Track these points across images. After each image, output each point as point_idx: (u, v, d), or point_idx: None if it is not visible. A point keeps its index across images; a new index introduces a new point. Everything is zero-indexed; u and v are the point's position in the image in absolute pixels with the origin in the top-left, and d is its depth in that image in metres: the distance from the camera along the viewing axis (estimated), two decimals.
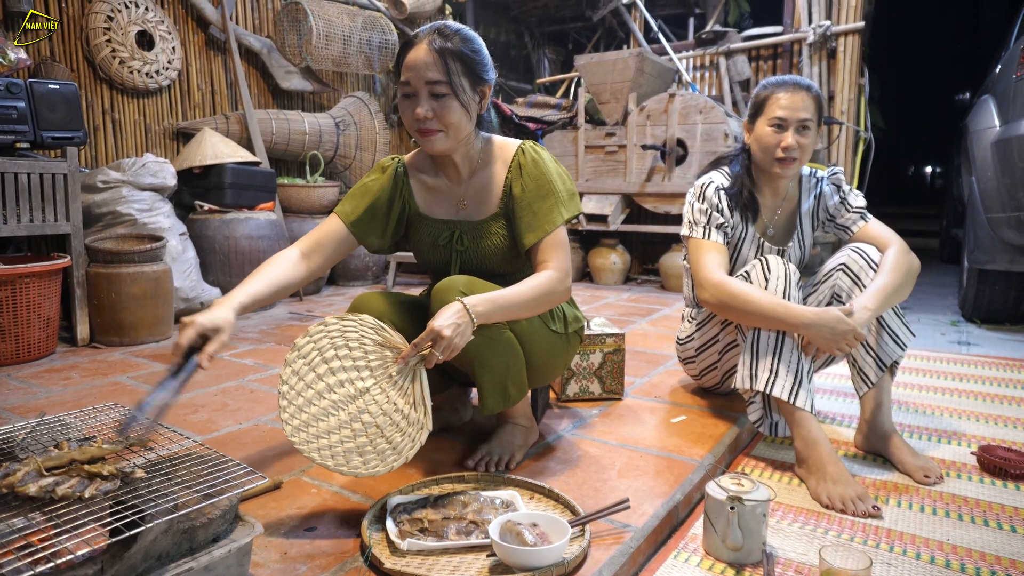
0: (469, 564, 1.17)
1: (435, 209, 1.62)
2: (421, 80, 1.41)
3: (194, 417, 1.92)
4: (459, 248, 1.59)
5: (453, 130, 1.45)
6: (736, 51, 5.18)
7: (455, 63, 1.41)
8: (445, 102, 1.42)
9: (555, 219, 1.50)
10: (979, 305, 3.62)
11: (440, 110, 1.42)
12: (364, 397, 1.32)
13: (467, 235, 1.58)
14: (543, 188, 1.51)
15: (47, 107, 2.68)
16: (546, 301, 1.47)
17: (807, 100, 1.73)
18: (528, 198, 1.51)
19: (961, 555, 1.30)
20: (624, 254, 4.68)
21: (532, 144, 1.58)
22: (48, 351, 2.65)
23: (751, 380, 1.64)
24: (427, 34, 1.43)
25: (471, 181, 1.59)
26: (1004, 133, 3.16)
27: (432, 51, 1.40)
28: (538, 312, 1.48)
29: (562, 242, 1.51)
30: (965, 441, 1.89)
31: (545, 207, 1.50)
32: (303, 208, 4.00)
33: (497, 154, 1.58)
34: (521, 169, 1.53)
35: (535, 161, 1.53)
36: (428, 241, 1.62)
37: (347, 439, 1.29)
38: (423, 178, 1.63)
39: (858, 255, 1.74)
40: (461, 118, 1.45)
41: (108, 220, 3.01)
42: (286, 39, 4.11)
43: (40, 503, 0.93)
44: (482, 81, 1.48)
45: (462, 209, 1.60)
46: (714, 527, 1.28)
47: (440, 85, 1.41)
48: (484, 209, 1.58)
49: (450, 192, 1.61)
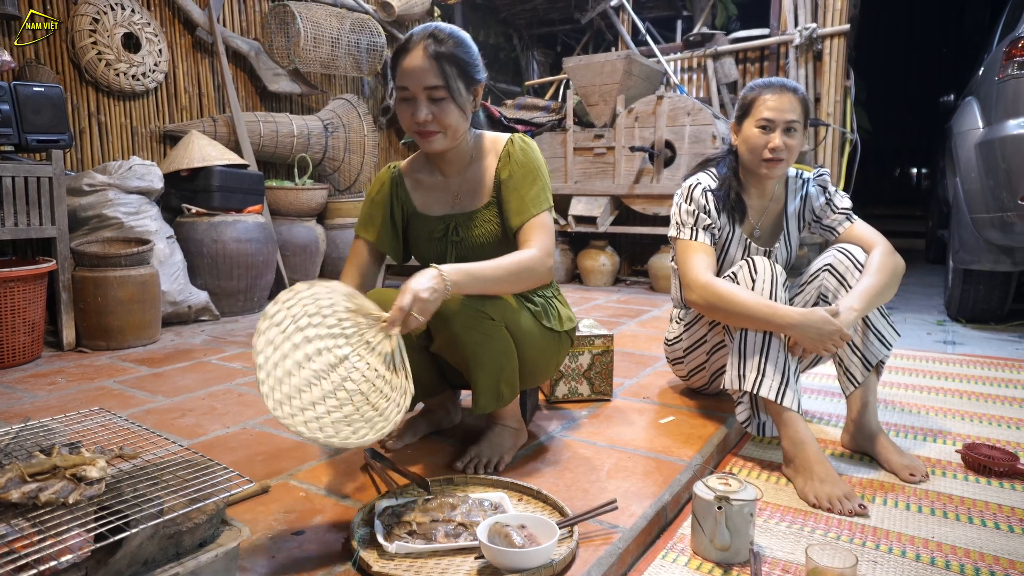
0: (457, 566, 1.17)
1: (432, 207, 1.66)
2: (419, 86, 1.45)
3: (181, 421, 1.91)
4: (454, 239, 1.62)
5: (451, 131, 1.51)
6: (723, 53, 5.21)
7: (451, 67, 1.45)
8: (443, 105, 1.47)
9: (541, 203, 1.55)
10: (964, 305, 3.65)
11: (439, 113, 1.47)
12: (344, 364, 1.28)
13: (461, 226, 1.62)
14: (531, 174, 1.56)
15: (32, 110, 2.66)
16: (526, 277, 1.48)
17: (794, 102, 1.74)
18: (515, 183, 1.56)
19: (946, 552, 1.32)
20: (613, 255, 4.69)
21: (522, 135, 1.63)
22: (33, 356, 2.62)
23: (739, 380, 1.65)
24: (421, 39, 1.46)
25: (465, 175, 1.63)
26: (987, 135, 3.20)
27: (428, 57, 1.44)
28: (517, 289, 1.50)
29: (546, 224, 1.54)
30: (950, 439, 1.90)
31: (532, 192, 1.55)
32: (292, 211, 3.98)
33: (488, 147, 1.63)
34: (510, 157, 1.58)
35: (523, 149, 1.59)
36: (424, 236, 1.66)
37: (334, 409, 1.22)
38: (420, 178, 1.67)
39: (844, 256, 1.75)
40: (458, 119, 1.50)
41: (94, 223, 2.99)
42: (274, 41, 4.09)
43: (24, 509, 0.92)
44: (475, 81, 1.53)
45: (457, 203, 1.64)
46: (702, 527, 1.28)
47: (438, 90, 1.45)
48: (477, 200, 1.62)
49: (445, 188, 1.65)
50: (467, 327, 1.42)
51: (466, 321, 1.41)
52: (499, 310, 1.47)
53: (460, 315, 1.41)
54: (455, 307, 1.40)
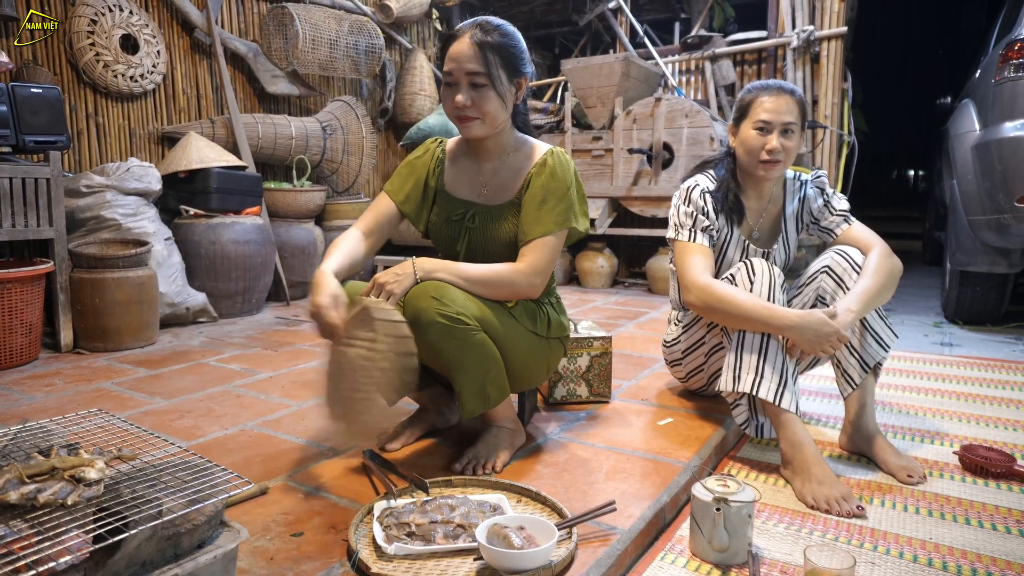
0: (456, 568, 1.17)
1: (459, 188, 1.69)
2: (462, 71, 1.51)
3: (179, 423, 1.91)
4: (470, 226, 1.65)
5: (489, 118, 1.55)
6: (721, 56, 5.22)
7: (494, 56, 1.51)
8: (483, 92, 1.52)
9: (555, 223, 1.57)
10: (961, 306, 3.66)
11: (478, 99, 1.52)
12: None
13: (480, 216, 1.64)
14: (558, 192, 1.58)
15: (30, 111, 2.66)
16: (503, 287, 1.53)
17: (791, 104, 1.75)
18: (542, 195, 1.58)
19: (943, 553, 1.32)
20: (611, 257, 4.70)
21: (563, 151, 1.66)
22: (31, 357, 2.62)
23: (736, 382, 1.65)
24: (469, 28, 1.53)
25: (498, 170, 1.66)
26: (984, 137, 3.21)
27: (473, 44, 1.50)
28: (492, 297, 1.54)
29: (549, 245, 1.56)
30: (947, 441, 1.91)
31: (554, 210, 1.57)
32: (290, 213, 3.98)
33: (527, 152, 1.66)
34: (545, 166, 1.60)
35: (562, 165, 1.61)
36: (444, 216, 1.69)
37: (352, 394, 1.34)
38: (458, 158, 1.72)
39: (841, 258, 1.76)
40: (497, 107, 1.54)
41: (92, 225, 2.99)
42: (272, 43, 4.09)
43: (22, 510, 0.92)
44: (519, 74, 1.57)
45: (483, 194, 1.67)
46: (700, 528, 1.28)
47: (479, 76, 1.51)
48: (503, 196, 1.64)
49: (476, 176, 1.68)
50: (444, 335, 1.43)
51: (442, 329, 1.42)
52: (476, 313, 1.47)
53: (436, 324, 1.41)
54: (430, 316, 1.41)
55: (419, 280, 1.46)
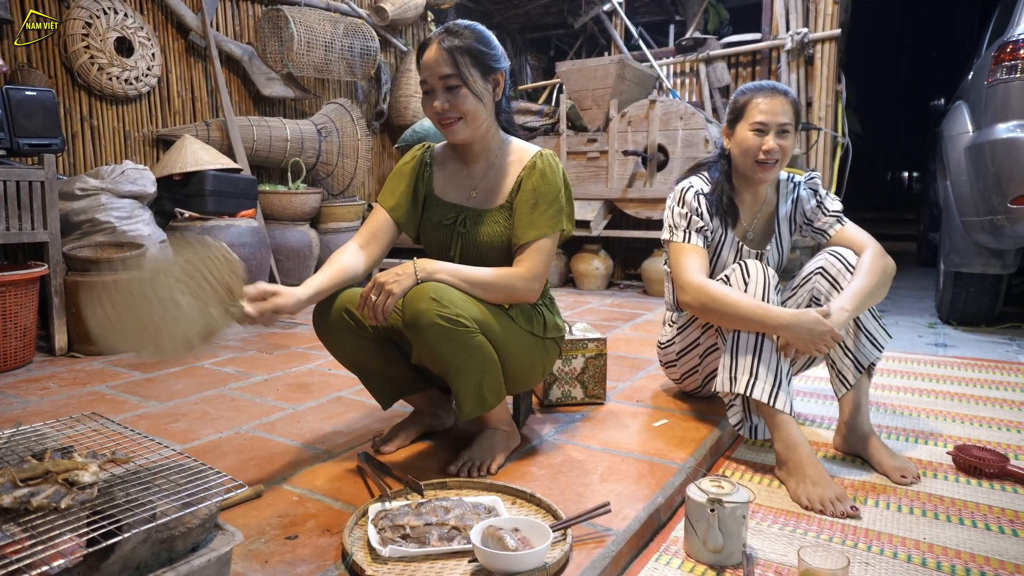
0: (451, 570, 1.17)
1: (448, 193, 1.70)
2: (435, 76, 1.53)
3: (174, 426, 1.90)
4: (461, 231, 1.65)
5: (470, 117, 1.55)
6: (716, 58, 5.24)
7: (463, 57, 1.52)
8: (458, 93, 1.53)
9: (549, 226, 1.57)
10: (955, 307, 3.68)
11: (455, 101, 1.53)
12: None
13: (471, 220, 1.64)
14: (549, 195, 1.58)
15: (24, 114, 2.65)
16: (503, 291, 1.54)
17: (785, 105, 1.75)
18: (534, 198, 1.58)
19: (937, 553, 1.32)
20: (607, 259, 4.70)
21: (552, 153, 1.66)
22: (25, 361, 2.61)
23: (731, 383, 1.66)
24: (437, 35, 1.55)
25: (486, 173, 1.67)
26: (977, 138, 3.22)
27: (441, 49, 1.52)
28: (492, 300, 1.54)
29: (545, 249, 1.57)
30: (941, 441, 1.92)
31: (546, 213, 1.57)
32: (285, 215, 3.98)
33: (515, 154, 1.66)
34: (535, 169, 1.60)
35: (552, 168, 1.61)
36: (435, 221, 1.69)
37: None
38: (446, 163, 1.73)
39: (835, 259, 1.76)
40: (475, 106, 1.55)
41: (87, 228, 2.98)
42: (267, 46, 4.09)
43: (15, 514, 0.92)
44: (492, 70, 1.58)
45: (472, 197, 1.67)
46: (695, 530, 1.29)
47: (451, 78, 1.52)
48: (493, 200, 1.65)
49: (465, 180, 1.69)
50: (442, 337, 1.42)
51: (441, 331, 1.41)
52: (475, 315, 1.47)
53: (435, 326, 1.41)
54: (430, 318, 1.40)
55: (420, 281, 1.46)
